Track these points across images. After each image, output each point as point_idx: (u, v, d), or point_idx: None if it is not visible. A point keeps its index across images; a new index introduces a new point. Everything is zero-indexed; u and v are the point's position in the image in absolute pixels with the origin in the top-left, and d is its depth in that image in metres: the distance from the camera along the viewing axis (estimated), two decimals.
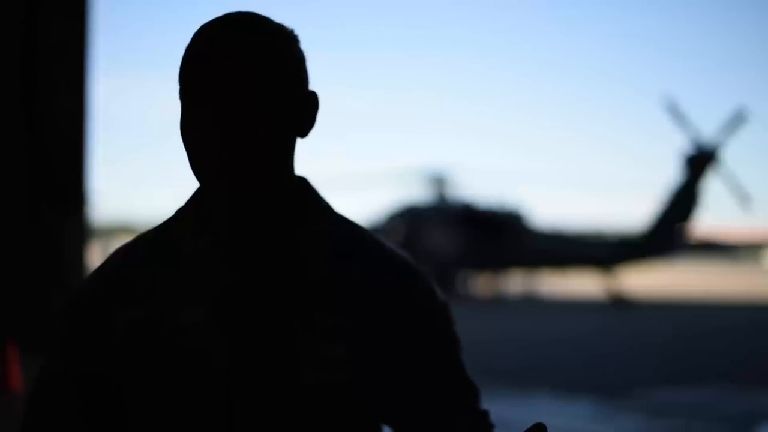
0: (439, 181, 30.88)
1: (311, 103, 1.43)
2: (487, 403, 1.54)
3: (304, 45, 1.44)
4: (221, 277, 1.40)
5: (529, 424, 1.28)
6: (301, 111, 1.41)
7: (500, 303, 27.62)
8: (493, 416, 1.53)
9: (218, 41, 1.36)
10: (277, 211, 1.43)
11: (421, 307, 1.47)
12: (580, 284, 35.08)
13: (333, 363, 1.39)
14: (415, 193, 31.37)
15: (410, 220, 30.43)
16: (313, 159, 1.44)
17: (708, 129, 27.73)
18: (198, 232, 1.43)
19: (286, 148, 1.40)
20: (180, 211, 1.48)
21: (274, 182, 1.40)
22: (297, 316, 1.39)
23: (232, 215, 1.41)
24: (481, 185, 48.69)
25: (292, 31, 1.42)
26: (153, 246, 1.46)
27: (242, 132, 1.35)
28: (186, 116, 1.38)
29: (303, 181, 1.48)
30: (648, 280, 35.93)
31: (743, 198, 27.41)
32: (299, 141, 1.44)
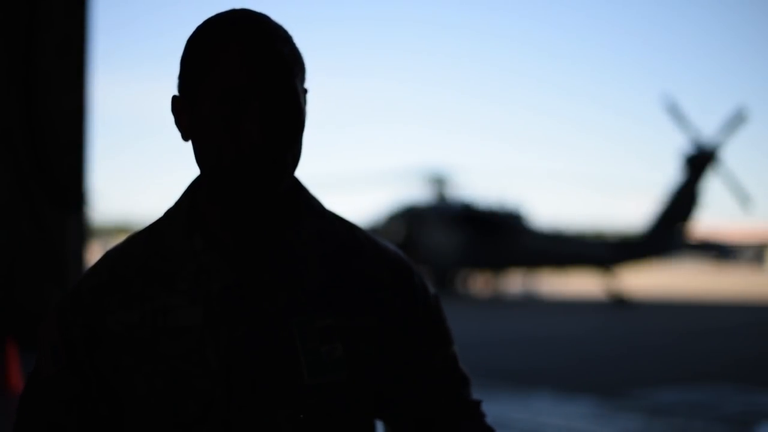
0: (439, 181, 30.87)
1: (305, 98, 1.43)
2: (487, 403, 1.55)
3: (305, 43, 1.44)
4: (219, 276, 1.39)
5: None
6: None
7: (500, 303, 27.60)
8: (493, 416, 1.54)
9: (256, 39, 1.34)
10: (275, 210, 1.42)
11: (416, 301, 1.49)
12: (580, 284, 35.07)
13: (333, 363, 1.39)
14: (415, 193, 31.39)
15: (410, 220, 30.43)
16: (313, 159, 1.43)
17: (708, 129, 27.76)
18: (192, 232, 1.42)
19: (302, 145, 1.40)
20: (171, 211, 1.46)
21: (288, 180, 1.40)
22: (295, 315, 1.39)
23: (230, 214, 1.40)
24: (481, 185, 48.72)
25: None
26: (146, 247, 1.44)
27: (289, 129, 1.35)
28: (209, 110, 1.34)
29: (295, 181, 1.48)
30: (648, 280, 35.91)
31: (743, 198, 27.41)
32: None
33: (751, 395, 9.69)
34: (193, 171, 1.47)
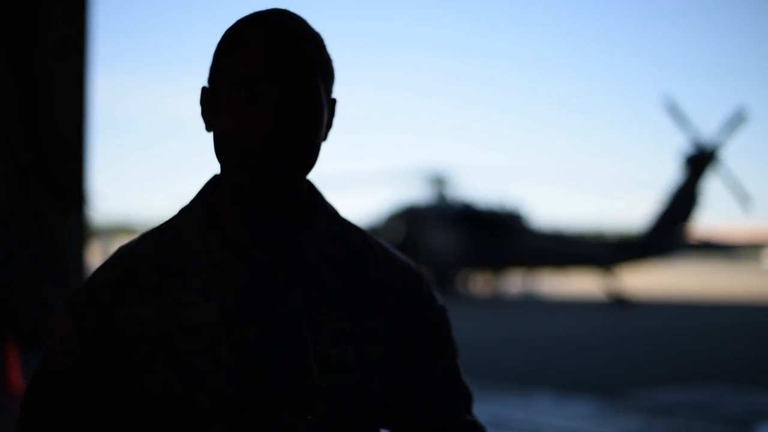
0: (439, 181, 30.87)
1: (333, 108, 1.44)
2: (487, 403, 1.56)
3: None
4: (233, 274, 1.39)
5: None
6: (330, 114, 1.43)
7: (500, 303, 27.60)
8: (493, 416, 1.54)
9: (282, 32, 1.35)
10: (291, 211, 1.43)
11: (422, 309, 1.49)
12: (580, 284, 35.07)
13: (343, 365, 1.40)
14: (415, 193, 31.39)
15: (410, 220, 30.43)
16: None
17: (708, 129, 27.76)
18: (207, 229, 1.42)
19: (320, 147, 1.41)
20: (186, 209, 1.47)
21: (304, 179, 1.41)
22: (308, 316, 1.39)
23: (246, 210, 1.41)
24: (481, 185, 48.72)
25: None
26: (161, 243, 1.44)
27: (302, 121, 1.35)
28: (230, 100, 1.35)
29: (310, 184, 1.49)
30: (648, 280, 35.91)
31: (743, 198, 27.42)
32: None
33: (751, 395, 9.70)
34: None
